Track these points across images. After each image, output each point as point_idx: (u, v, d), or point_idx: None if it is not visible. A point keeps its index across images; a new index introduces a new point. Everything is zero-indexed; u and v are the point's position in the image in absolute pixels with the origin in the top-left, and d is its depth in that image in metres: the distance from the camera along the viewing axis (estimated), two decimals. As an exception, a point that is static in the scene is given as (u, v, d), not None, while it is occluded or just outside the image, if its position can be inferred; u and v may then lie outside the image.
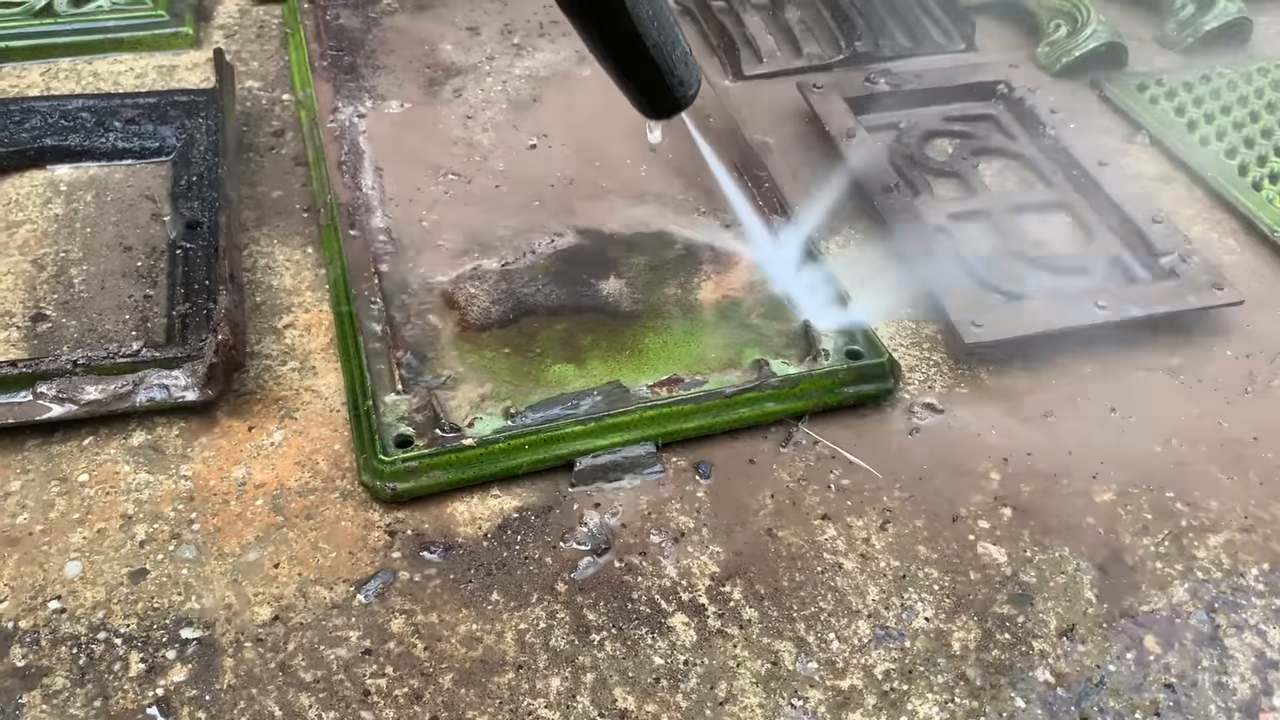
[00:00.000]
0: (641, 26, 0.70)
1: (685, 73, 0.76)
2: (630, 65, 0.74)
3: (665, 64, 0.74)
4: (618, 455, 0.84)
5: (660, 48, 0.73)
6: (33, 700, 0.69)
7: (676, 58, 0.75)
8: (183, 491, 0.81)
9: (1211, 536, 0.83)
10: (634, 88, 0.76)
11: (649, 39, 0.71)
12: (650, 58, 0.73)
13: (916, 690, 0.72)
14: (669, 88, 0.76)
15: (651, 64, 0.73)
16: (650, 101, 0.77)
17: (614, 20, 0.70)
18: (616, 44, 0.72)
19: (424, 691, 0.70)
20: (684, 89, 0.77)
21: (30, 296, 0.95)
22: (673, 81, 0.75)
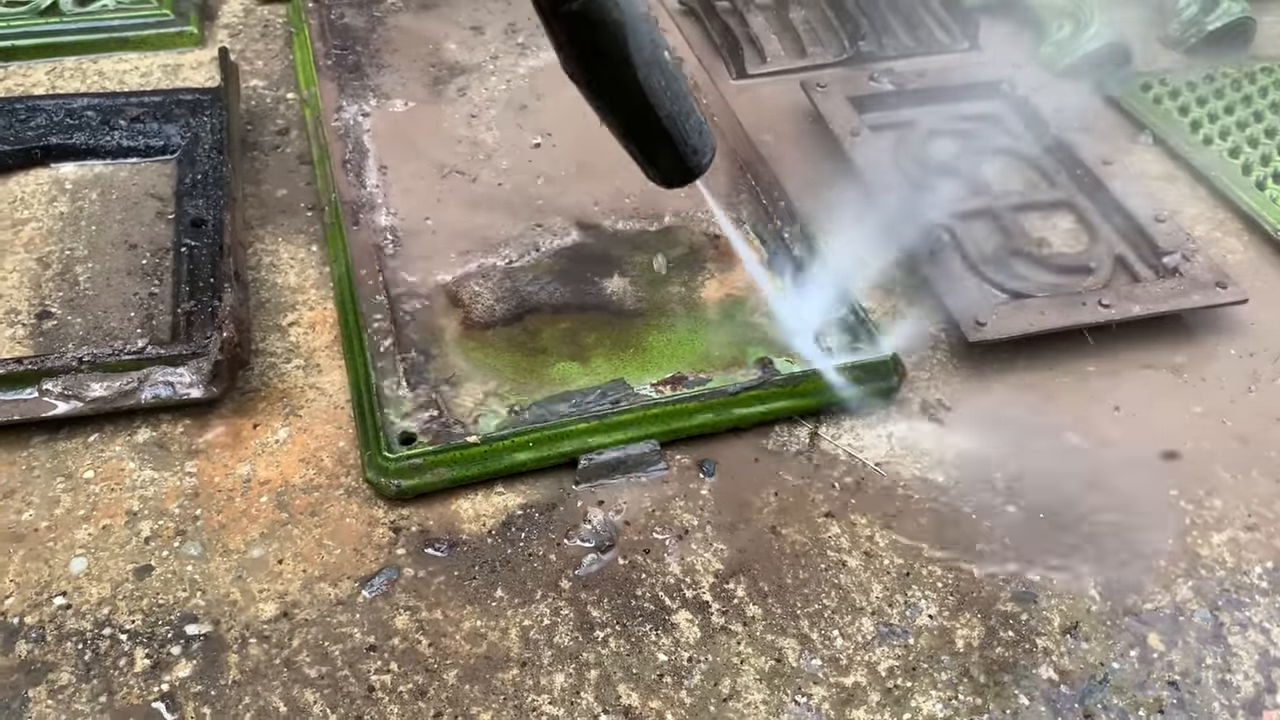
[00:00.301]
0: (654, 97, 0.68)
1: (699, 142, 0.73)
2: (642, 135, 0.72)
3: (679, 134, 0.71)
4: (621, 453, 0.84)
5: (673, 118, 0.70)
6: (38, 695, 0.69)
7: (690, 127, 0.72)
8: (188, 488, 0.82)
9: (1215, 534, 0.83)
10: (646, 157, 0.74)
11: (661, 109, 0.69)
12: (663, 128, 0.70)
13: (920, 687, 0.72)
14: (682, 157, 0.73)
15: (664, 134, 0.71)
16: (663, 171, 0.75)
17: (625, 91, 0.67)
18: (628, 114, 0.70)
19: (428, 688, 0.70)
20: (698, 158, 0.74)
21: (36, 294, 0.95)
22: (686, 151, 0.73)
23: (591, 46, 0.64)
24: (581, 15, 0.62)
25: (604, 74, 0.66)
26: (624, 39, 0.64)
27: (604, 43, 0.64)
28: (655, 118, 0.69)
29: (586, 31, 0.63)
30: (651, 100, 0.68)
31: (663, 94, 0.68)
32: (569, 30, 0.63)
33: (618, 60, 0.65)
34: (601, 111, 0.69)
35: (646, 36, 0.65)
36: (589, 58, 0.65)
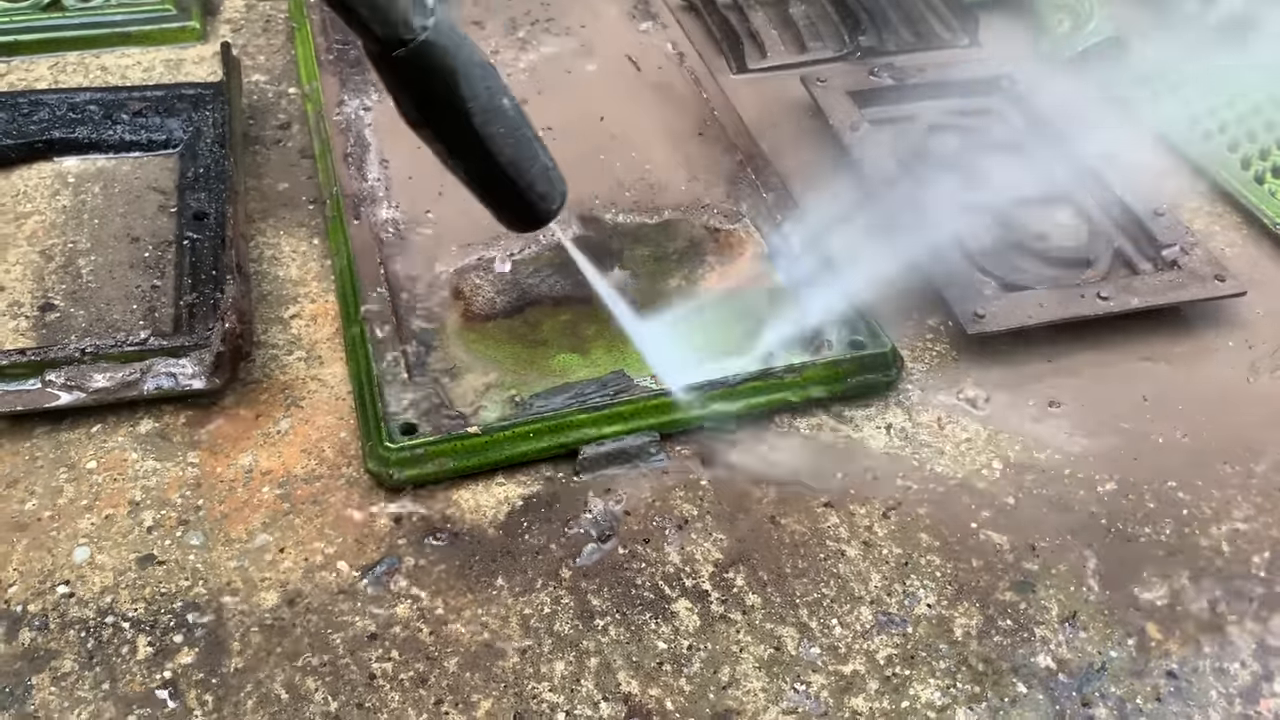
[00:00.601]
0: (493, 145, 0.66)
1: (547, 189, 0.72)
2: (485, 182, 0.70)
3: (523, 181, 0.69)
4: (622, 444, 0.84)
5: (516, 164, 0.68)
6: (41, 683, 0.69)
7: (535, 174, 0.70)
8: (190, 479, 0.82)
9: (1213, 525, 0.83)
10: (492, 203, 0.72)
11: (502, 156, 0.67)
12: (506, 175, 0.69)
13: (919, 675, 0.73)
14: (529, 204, 0.71)
15: (508, 181, 0.69)
16: (510, 217, 0.73)
17: (463, 138, 0.66)
18: (468, 161, 0.68)
19: (429, 675, 0.71)
20: (546, 204, 0.72)
21: (38, 286, 0.96)
22: (533, 198, 0.71)
23: (424, 93, 0.64)
24: (411, 62, 0.62)
25: (440, 121, 0.66)
26: (456, 86, 0.63)
27: (437, 89, 0.63)
28: (496, 164, 0.68)
29: (418, 78, 0.63)
30: (491, 148, 0.66)
31: (502, 141, 0.67)
32: (400, 76, 0.63)
33: (452, 107, 0.64)
34: (442, 157, 0.69)
35: (481, 84, 0.64)
36: (422, 104, 0.65)
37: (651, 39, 1.31)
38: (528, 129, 0.69)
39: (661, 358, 0.89)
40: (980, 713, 0.71)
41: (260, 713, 0.68)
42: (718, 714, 0.70)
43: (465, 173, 0.69)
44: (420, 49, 0.61)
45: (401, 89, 0.64)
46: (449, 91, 0.63)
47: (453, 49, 0.62)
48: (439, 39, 0.61)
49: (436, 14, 0.61)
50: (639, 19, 1.35)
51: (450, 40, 0.62)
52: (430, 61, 0.62)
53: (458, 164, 0.69)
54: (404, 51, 0.61)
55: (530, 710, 0.69)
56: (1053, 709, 0.71)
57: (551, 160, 0.72)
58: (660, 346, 0.90)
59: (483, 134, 0.66)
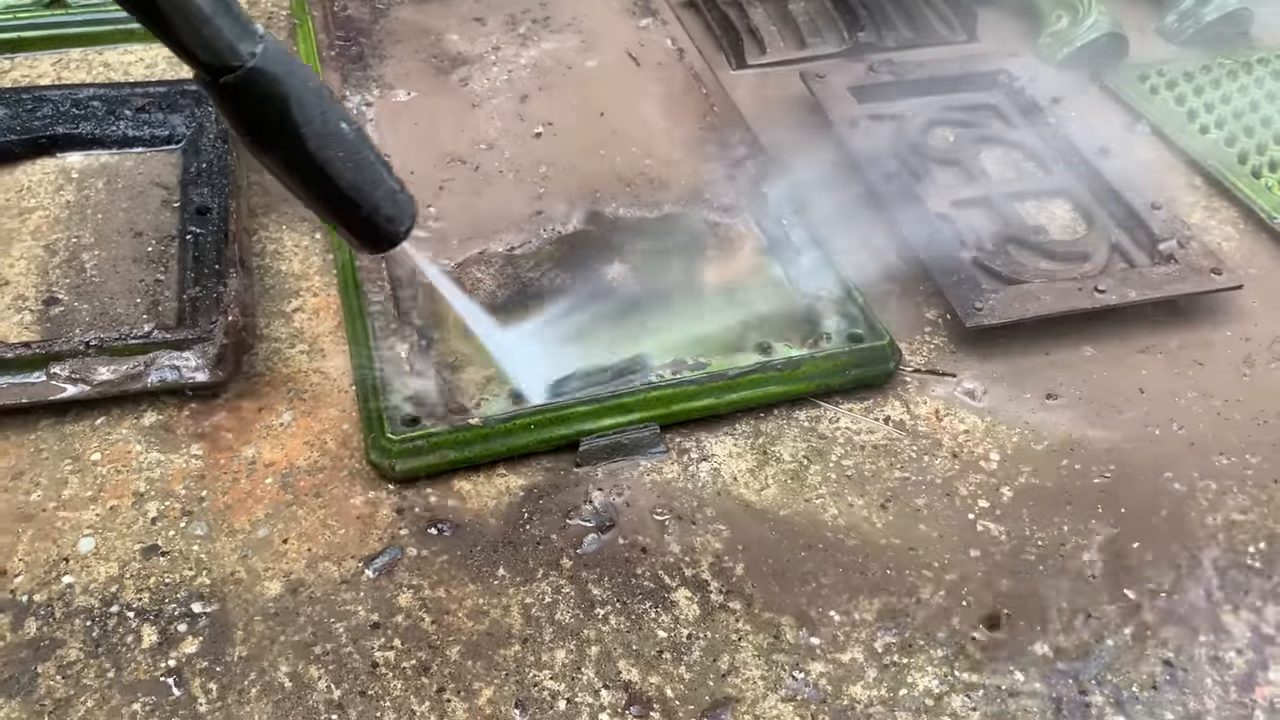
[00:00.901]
0: (331, 169, 0.66)
1: (393, 210, 0.71)
2: (327, 206, 0.70)
3: (367, 204, 0.69)
4: (622, 435, 0.85)
5: (358, 188, 0.68)
6: (47, 671, 0.70)
7: (380, 197, 0.70)
8: (193, 470, 0.83)
9: (1209, 516, 0.84)
10: (338, 226, 0.72)
11: (342, 180, 0.67)
12: (348, 198, 0.69)
13: (916, 664, 0.73)
14: (375, 226, 0.72)
15: (350, 204, 0.69)
16: (358, 238, 0.73)
17: (299, 163, 0.66)
18: (308, 185, 0.68)
19: (431, 663, 0.72)
20: (393, 226, 0.72)
21: (43, 280, 0.96)
22: (379, 220, 0.71)
23: (256, 119, 0.63)
24: (239, 88, 0.61)
25: (276, 147, 0.65)
26: (288, 112, 0.63)
27: (269, 116, 0.63)
28: (337, 189, 0.67)
29: (249, 104, 0.62)
30: (329, 172, 0.66)
31: (341, 165, 0.67)
32: (230, 103, 0.62)
33: (286, 133, 0.64)
34: (283, 182, 0.68)
35: (316, 109, 0.64)
36: (257, 131, 0.64)
37: (651, 35, 1.32)
38: (369, 152, 0.69)
39: (518, 368, 0.89)
40: (977, 700, 0.71)
41: (264, 700, 0.69)
42: (717, 701, 0.70)
43: (308, 197, 0.69)
44: (248, 76, 0.61)
45: (233, 116, 0.63)
46: (282, 118, 0.63)
47: (283, 75, 0.62)
48: (267, 65, 0.61)
49: (266, 41, 0.61)
50: (639, 15, 1.35)
51: (280, 66, 0.62)
52: (260, 88, 0.61)
53: (299, 189, 0.68)
54: (231, 78, 0.60)
55: (531, 698, 0.70)
56: (1050, 696, 0.72)
57: (398, 183, 0.71)
58: (517, 356, 0.90)
59: (320, 159, 0.65)
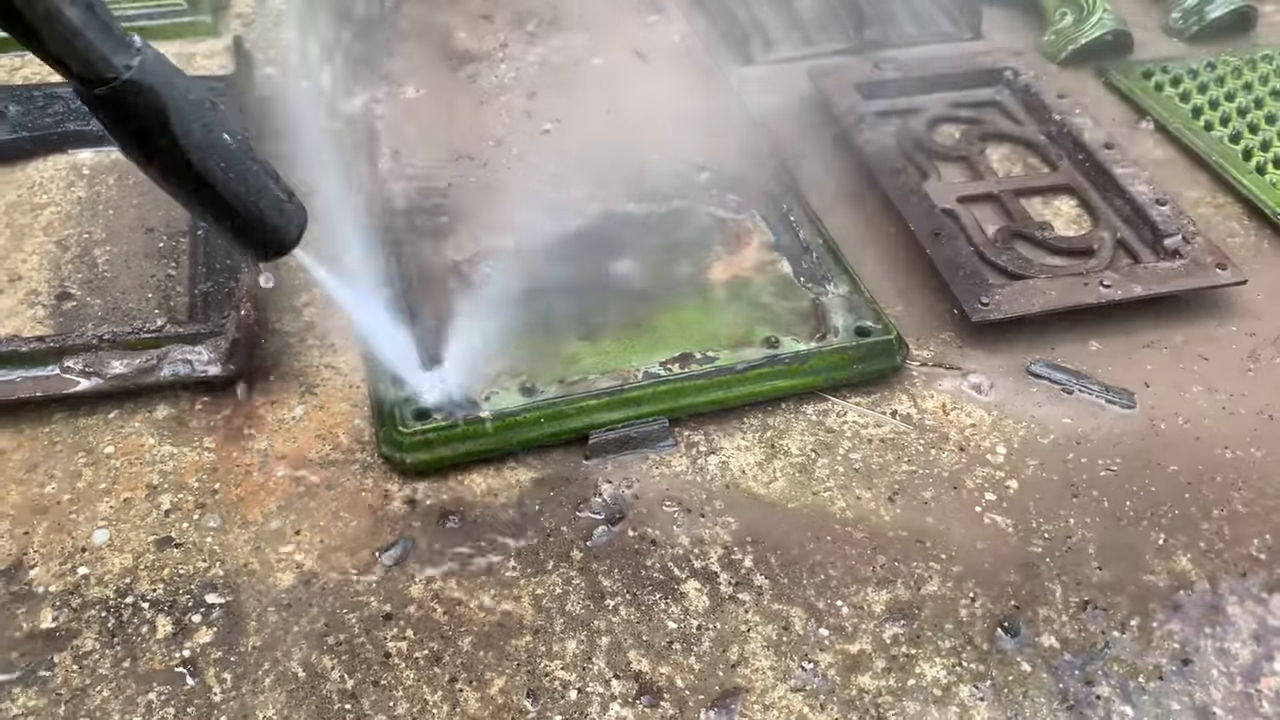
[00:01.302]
0: (212, 179, 0.66)
1: (279, 220, 0.71)
2: (213, 216, 0.69)
3: (252, 214, 0.69)
4: (631, 429, 0.86)
5: (241, 199, 0.68)
6: (63, 661, 0.71)
7: (265, 207, 0.70)
8: (206, 463, 0.83)
9: (1215, 509, 0.84)
10: (227, 235, 0.72)
11: (225, 190, 0.67)
12: (232, 209, 0.68)
13: (925, 654, 0.74)
14: (262, 235, 0.71)
15: (235, 214, 0.69)
16: (246, 247, 0.73)
17: (180, 174, 0.65)
18: (190, 196, 0.68)
19: (443, 654, 0.72)
20: (279, 235, 0.72)
21: (55, 276, 0.97)
22: (265, 229, 0.71)
23: (133, 130, 0.63)
24: (115, 100, 0.61)
25: (155, 157, 0.65)
26: (166, 124, 0.62)
27: (148, 127, 0.62)
28: (218, 199, 0.67)
29: (125, 115, 0.62)
30: (209, 181, 0.66)
31: (222, 175, 0.66)
32: (107, 114, 0.62)
33: (164, 144, 0.63)
34: (167, 191, 0.68)
35: (195, 121, 0.63)
36: (136, 141, 0.64)
37: (658, 32, 1.33)
38: (252, 163, 0.68)
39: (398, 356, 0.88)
40: (985, 690, 0.72)
41: (278, 690, 0.70)
42: (727, 691, 0.71)
43: (191, 206, 0.69)
44: (123, 88, 0.60)
45: (111, 126, 0.63)
46: (159, 129, 0.62)
47: (160, 86, 0.61)
48: (144, 77, 0.60)
49: (144, 53, 0.60)
50: (646, 12, 1.36)
51: (158, 78, 0.61)
52: (137, 100, 0.61)
53: (182, 198, 0.68)
54: (106, 90, 0.60)
55: (543, 688, 0.71)
56: (1057, 687, 0.72)
57: (286, 193, 0.71)
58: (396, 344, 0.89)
59: (200, 170, 0.65)
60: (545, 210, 1.05)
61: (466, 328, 0.91)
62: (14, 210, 1.04)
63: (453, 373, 0.87)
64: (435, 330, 0.91)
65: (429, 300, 0.94)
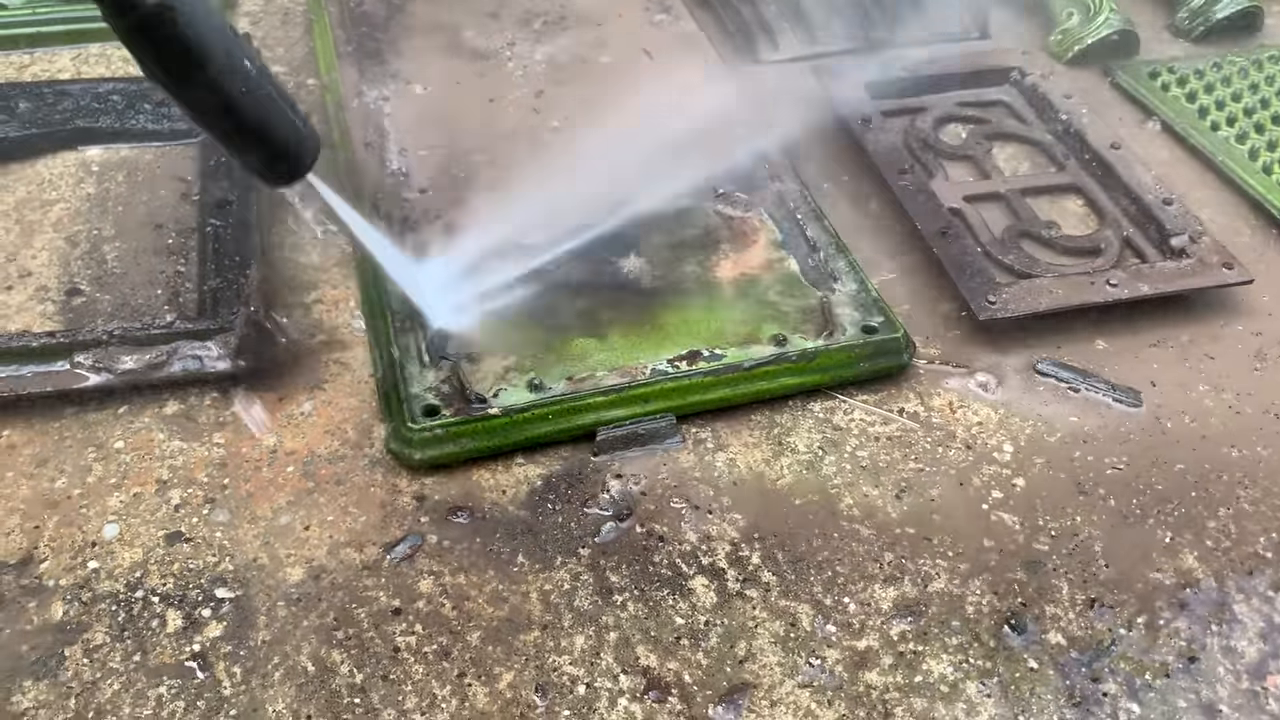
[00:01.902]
0: (232, 104, 0.69)
1: (295, 144, 0.75)
2: (230, 141, 0.73)
3: (271, 137, 0.73)
4: (639, 426, 0.86)
5: (261, 124, 0.72)
6: (74, 654, 0.71)
7: (283, 130, 0.73)
8: (215, 458, 0.84)
9: (1221, 508, 0.85)
10: (245, 160, 0.75)
11: (244, 115, 0.70)
12: (251, 133, 0.72)
13: (932, 651, 0.74)
14: (279, 160, 0.75)
15: (252, 139, 0.73)
16: (260, 172, 0.77)
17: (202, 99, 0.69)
18: (210, 120, 0.71)
19: (452, 649, 0.72)
20: (296, 161, 0.76)
21: (64, 272, 0.98)
22: (283, 153, 0.74)
23: (161, 55, 0.65)
24: (145, 26, 0.64)
25: (178, 82, 0.67)
26: (189, 50, 0.65)
27: (174, 52, 0.65)
28: (242, 124, 0.71)
29: (154, 40, 0.65)
30: (232, 107, 0.69)
31: (244, 101, 0.69)
32: (136, 39, 0.64)
33: (187, 69, 0.66)
34: (190, 116, 0.71)
35: (219, 47, 0.66)
36: (162, 67, 0.66)
37: (665, 31, 1.33)
38: (271, 89, 0.72)
39: (425, 296, 0.91)
40: (991, 687, 0.72)
41: (288, 684, 0.70)
42: (735, 687, 0.71)
43: (212, 133, 0.72)
44: (153, 12, 0.63)
45: (139, 52, 0.66)
46: (186, 55, 0.65)
47: (186, 12, 0.64)
48: (173, 3, 0.63)
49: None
50: (653, 11, 1.36)
51: (185, 6, 0.64)
52: (164, 26, 0.64)
53: (204, 124, 0.71)
54: (137, 16, 0.63)
55: (551, 682, 0.71)
56: (1063, 684, 0.73)
57: (303, 118, 0.75)
58: (424, 285, 0.92)
59: (224, 95, 0.68)
60: (551, 208, 1.05)
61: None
62: (24, 206, 1.04)
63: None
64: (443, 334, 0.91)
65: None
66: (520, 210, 1.01)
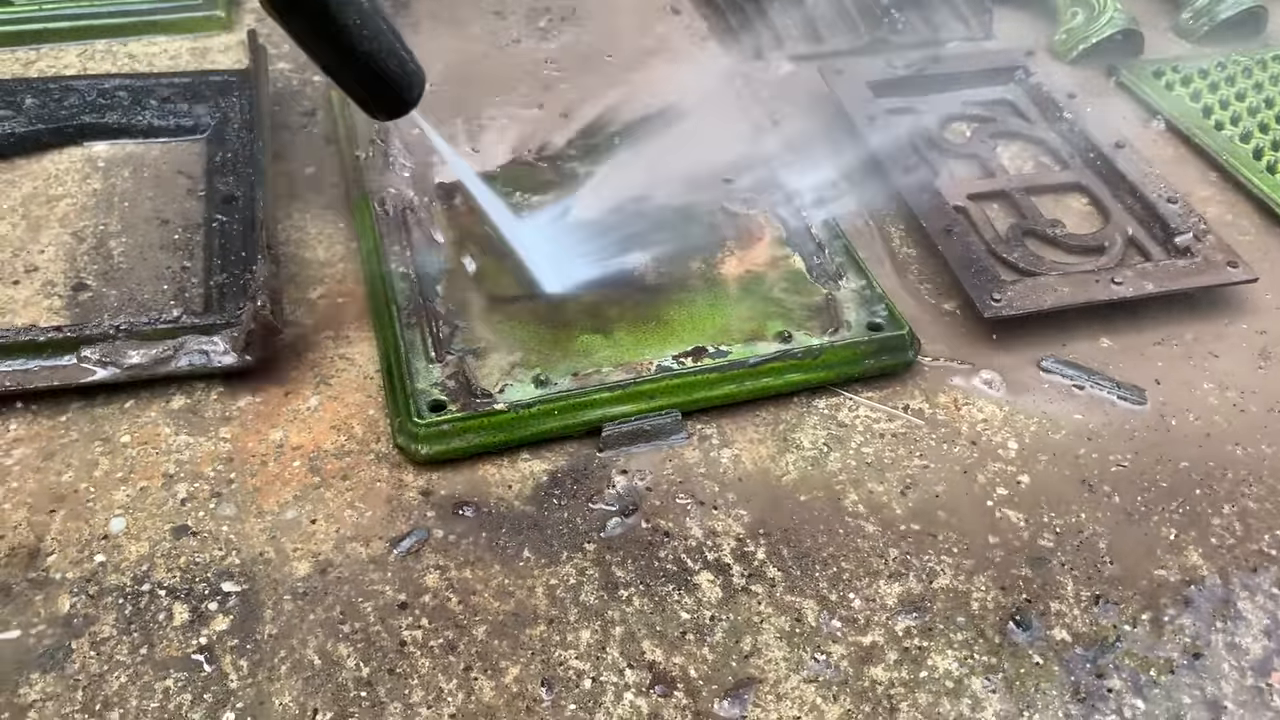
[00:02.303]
0: (349, 36, 0.72)
1: (403, 80, 0.78)
2: (344, 71, 0.76)
3: (383, 69, 0.75)
4: (644, 422, 0.86)
5: (373, 55, 0.74)
6: (81, 647, 0.71)
7: (393, 63, 0.76)
8: (222, 453, 0.84)
9: (1226, 505, 0.85)
10: (354, 92, 0.78)
11: (360, 46, 0.73)
12: (365, 64, 0.75)
13: (936, 647, 0.74)
14: (385, 90, 0.78)
15: (366, 70, 0.75)
16: (372, 105, 0.79)
17: (321, 30, 0.72)
18: (327, 51, 0.74)
19: (458, 643, 0.73)
20: (405, 93, 0.78)
21: (71, 267, 0.98)
22: (393, 86, 0.77)
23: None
24: None
25: (299, 13, 0.71)
26: None
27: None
28: (354, 54, 0.74)
29: None
30: (348, 38, 0.72)
31: (357, 32, 0.73)
32: None
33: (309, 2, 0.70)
34: (304, 48, 0.74)
35: None
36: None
37: (671, 30, 1.33)
38: (383, 21, 0.75)
39: (540, 259, 0.94)
40: (996, 683, 0.72)
41: (294, 677, 0.70)
42: (740, 681, 0.71)
43: (324, 63, 0.75)
44: None
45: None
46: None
47: None
48: None
49: None
50: (659, 9, 1.36)
51: None
52: None
53: (318, 55, 0.75)
54: None
55: (557, 676, 0.71)
56: (1068, 680, 0.73)
57: (409, 52, 0.77)
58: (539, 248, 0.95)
59: (340, 25, 0.72)
60: (557, 205, 1.05)
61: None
62: (30, 202, 1.04)
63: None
64: (454, 322, 0.92)
65: (442, 294, 0.95)
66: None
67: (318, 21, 0.72)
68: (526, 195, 1.06)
